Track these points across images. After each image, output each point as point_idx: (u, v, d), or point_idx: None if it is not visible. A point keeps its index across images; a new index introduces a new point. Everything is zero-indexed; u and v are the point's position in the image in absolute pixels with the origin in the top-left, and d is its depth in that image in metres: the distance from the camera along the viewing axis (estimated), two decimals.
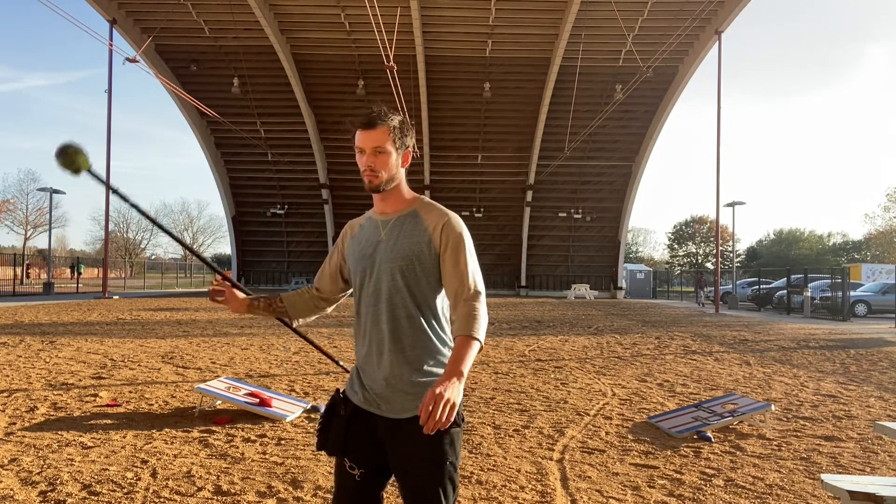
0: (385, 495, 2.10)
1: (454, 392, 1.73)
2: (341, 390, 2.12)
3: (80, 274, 36.02)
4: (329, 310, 2.38)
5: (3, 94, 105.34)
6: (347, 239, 2.18)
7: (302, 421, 5.65)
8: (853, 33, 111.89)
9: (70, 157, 1.95)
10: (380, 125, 1.99)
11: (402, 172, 2.08)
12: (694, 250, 73.51)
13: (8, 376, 7.55)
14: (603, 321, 18.40)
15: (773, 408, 5.86)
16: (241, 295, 2.27)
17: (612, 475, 4.30)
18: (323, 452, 2.10)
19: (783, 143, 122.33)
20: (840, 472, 4.41)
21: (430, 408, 1.68)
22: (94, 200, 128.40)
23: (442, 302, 2.06)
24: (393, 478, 2.05)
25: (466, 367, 1.81)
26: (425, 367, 1.98)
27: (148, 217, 2.35)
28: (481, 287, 1.98)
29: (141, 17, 30.61)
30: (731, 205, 31.69)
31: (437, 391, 1.71)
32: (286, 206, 38.41)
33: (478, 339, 1.86)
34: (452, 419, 1.72)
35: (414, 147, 2.21)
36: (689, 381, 8.21)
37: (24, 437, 4.96)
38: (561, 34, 29.65)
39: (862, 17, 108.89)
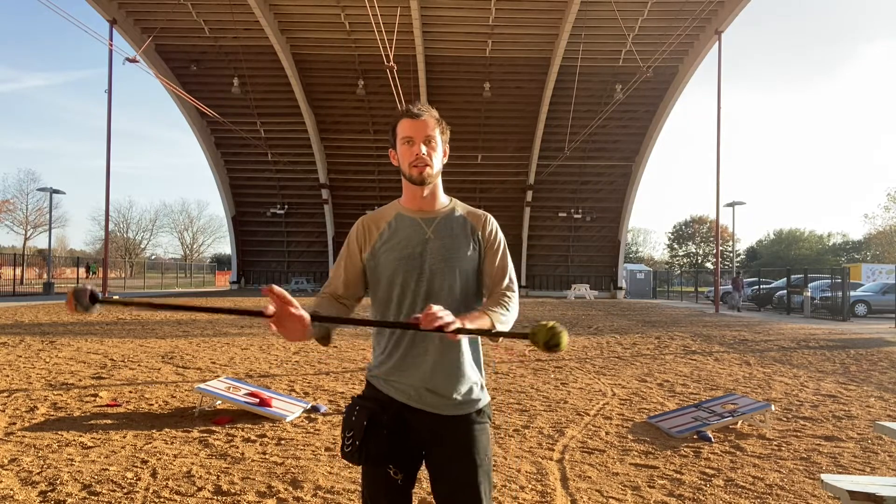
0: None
1: (452, 324, 1.67)
2: (368, 396, 2.01)
3: (94, 273, 36.14)
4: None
5: (2, 94, 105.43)
6: (374, 236, 2.02)
7: (302, 421, 5.65)
8: (851, 31, 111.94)
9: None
10: (426, 114, 1.99)
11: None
12: (694, 250, 73.55)
13: (8, 376, 7.55)
14: (603, 321, 18.39)
15: (773, 408, 5.86)
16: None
17: (612, 475, 4.30)
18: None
19: (783, 142, 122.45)
20: (840, 472, 4.41)
21: (440, 318, 1.65)
22: (95, 200, 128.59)
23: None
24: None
25: (467, 324, 1.75)
26: (471, 368, 2.00)
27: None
28: (516, 286, 2.04)
29: (141, 17, 30.61)
30: (731, 205, 31.73)
31: (434, 311, 1.66)
32: (286, 206, 38.42)
33: (493, 320, 1.84)
34: (446, 329, 1.66)
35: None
36: (689, 381, 8.21)
37: (24, 437, 4.96)
38: (561, 34, 29.65)
39: (861, 15, 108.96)
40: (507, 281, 2.01)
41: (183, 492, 3.82)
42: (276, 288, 1.66)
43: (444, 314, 1.67)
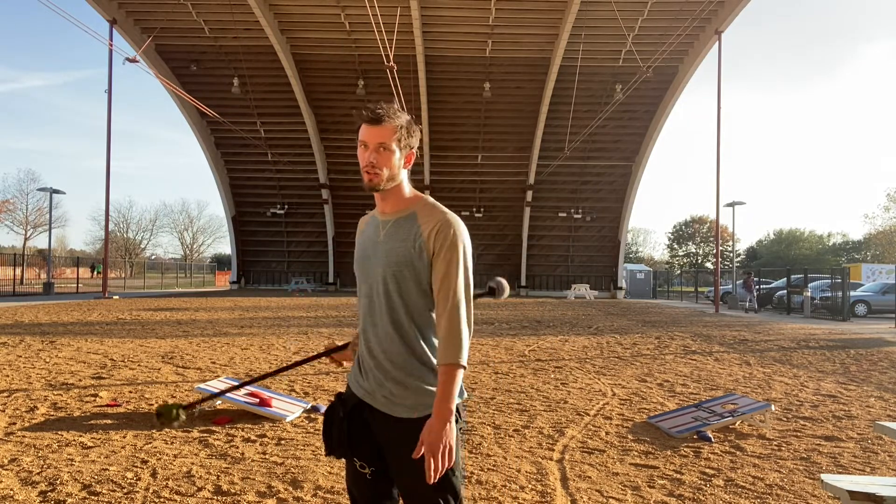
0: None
1: (447, 436, 1.79)
2: (343, 393, 2.12)
3: (98, 273, 36.61)
4: None
5: (2, 94, 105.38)
6: (357, 234, 2.17)
7: (302, 421, 5.65)
8: (851, 31, 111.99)
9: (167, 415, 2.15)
10: (386, 122, 1.93)
11: (404, 173, 2.01)
12: (694, 250, 73.54)
13: (8, 376, 7.55)
14: (603, 321, 18.39)
15: (773, 408, 5.86)
16: (347, 351, 2.30)
17: (612, 475, 4.30)
18: (323, 452, 2.11)
19: (783, 142, 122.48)
20: (840, 472, 4.41)
21: (430, 461, 1.76)
22: (94, 200, 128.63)
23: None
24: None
25: (454, 401, 1.84)
26: (412, 378, 1.93)
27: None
28: (463, 299, 1.87)
29: (141, 17, 30.62)
30: (731, 205, 31.70)
31: (430, 442, 1.77)
32: (286, 206, 38.41)
33: (462, 366, 1.84)
34: (453, 460, 1.81)
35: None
36: (689, 381, 8.21)
37: (24, 437, 4.96)
38: (561, 34, 29.65)
39: (861, 15, 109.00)
40: (450, 302, 1.86)
41: (183, 492, 3.82)
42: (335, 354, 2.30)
43: (433, 462, 1.77)
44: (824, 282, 26.06)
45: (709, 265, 66.11)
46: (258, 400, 5.84)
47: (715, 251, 31.45)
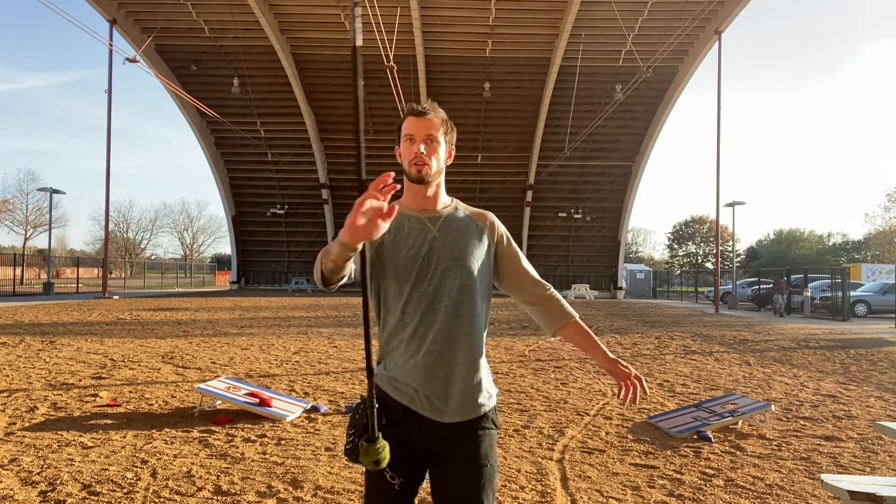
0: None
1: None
2: (370, 398, 1.97)
3: (109, 273, 37.06)
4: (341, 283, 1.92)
5: (2, 94, 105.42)
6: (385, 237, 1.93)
7: (302, 421, 5.65)
8: (851, 31, 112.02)
9: None
10: (432, 114, 1.97)
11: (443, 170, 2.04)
12: (694, 250, 73.55)
13: (8, 376, 7.55)
14: (603, 321, 18.39)
15: (773, 408, 5.86)
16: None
17: (612, 475, 4.30)
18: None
19: (783, 142, 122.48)
20: (840, 472, 4.41)
21: (639, 385, 2.13)
22: (94, 200, 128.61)
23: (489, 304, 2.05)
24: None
25: (606, 349, 2.18)
26: (478, 371, 1.94)
27: None
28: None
29: (141, 17, 30.62)
30: (731, 205, 31.70)
31: (625, 373, 2.17)
32: (286, 206, 38.41)
33: (587, 326, 2.18)
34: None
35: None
36: (689, 381, 8.21)
37: (24, 437, 4.96)
38: (561, 34, 29.65)
39: (861, 15, 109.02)
40: (540, 280, 2.14)
41: (183, 492, 3.82)
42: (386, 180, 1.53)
43: (636, 381, 2.18)
44: (824, 282, 26.05)
45: (709, 265, 66.11)
46: (258, 400, 5.84)
47: (715, 251, 31.45)
